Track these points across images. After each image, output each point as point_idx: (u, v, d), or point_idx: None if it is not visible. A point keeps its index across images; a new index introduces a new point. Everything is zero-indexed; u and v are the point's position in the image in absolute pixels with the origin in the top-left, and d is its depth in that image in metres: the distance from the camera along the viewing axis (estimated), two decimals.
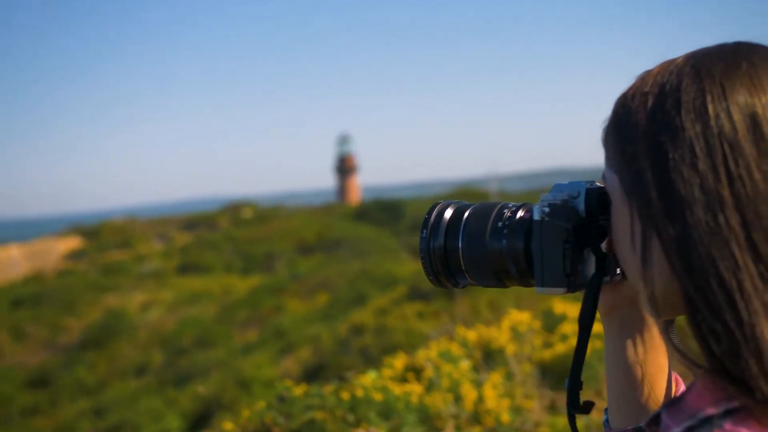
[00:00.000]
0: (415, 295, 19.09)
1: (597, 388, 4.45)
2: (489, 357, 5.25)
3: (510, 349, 5.14)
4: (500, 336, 5.28)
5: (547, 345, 5.48)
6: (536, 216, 1.08)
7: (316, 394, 4.00)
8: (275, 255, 32.44)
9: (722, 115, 0.89)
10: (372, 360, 14.11)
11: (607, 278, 1.09)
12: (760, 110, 0.88)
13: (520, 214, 1.13)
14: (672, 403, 0.91)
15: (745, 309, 0.84)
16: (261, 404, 4.08)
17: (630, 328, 1.18)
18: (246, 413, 3.94)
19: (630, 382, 1.19)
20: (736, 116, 0.88)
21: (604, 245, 1.07)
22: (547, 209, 1.07)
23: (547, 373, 5.21)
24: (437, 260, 1.19)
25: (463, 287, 1.23)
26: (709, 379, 0.88)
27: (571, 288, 1.07)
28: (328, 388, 4.10)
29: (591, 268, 1.07)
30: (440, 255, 1.18)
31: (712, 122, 0.89)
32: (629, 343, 1.18)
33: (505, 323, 5.48)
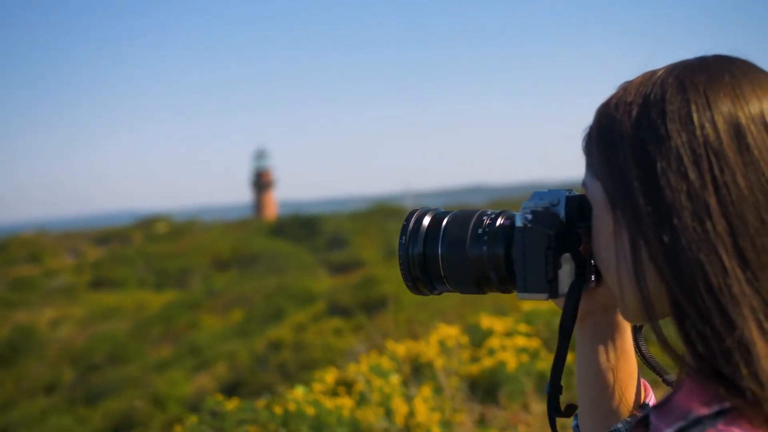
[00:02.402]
0: (334, 311, 19.07)
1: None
2: (417, 371, 5.29)
3: (438, 363, 5.18)
4: (429, 350, 5.32)
5: (475, 359, 5.53)
6: (519, 223, 1.09)
7: (248, 409, 3.96)
8: (190, 270, 32.00)
9: (707, 124, 0.91)
10: (290, 376, 14.01)
11: (586, 285, 1.11)
12: (743, 121, 0.91)
13: (499, 221, 1.15)
14: (660, 404, 0.93)
15: (733, 313, 0.87)
16: (192, 419, 4.02)
17: (602, 335, 1.20)
18: (179, 429, 3.87)
19: (601, 387, 1.21)
20: (721, 126, 0.91)
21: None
22: (530, 216, 1.08)
23: (475, 387, 5.26)
24: (416, 267, 1.19)
25: (439, 293, 1.23)
26: (697, 380, 0.89)
27: (552, 294, 1.08)
28: (261, 403, 4.07)
29: (571, 274, 1.09)
30: (419, 262, 1.19)
31: (698, 132, 0.91)
32: (601, 349, 1.20)
33: (434, 337, 5.52)
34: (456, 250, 1.16)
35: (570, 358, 1.16)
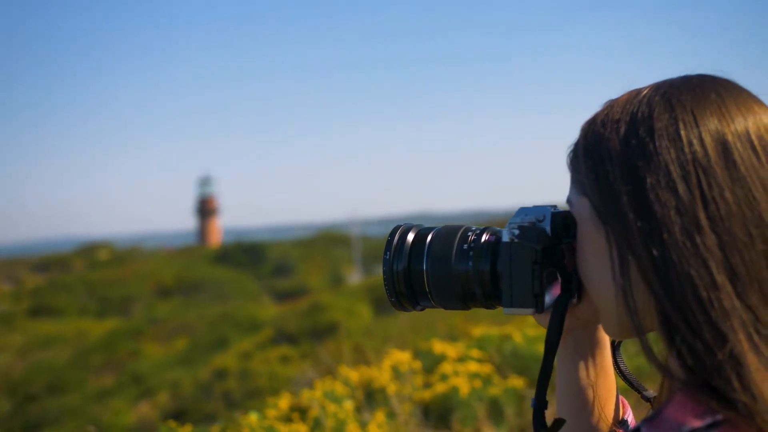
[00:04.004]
0: (280, 338, 18.92)
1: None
2: (370, 397, 5.26)
3: (391, 388, 5.17)
4: (382, 376, 5.31)
5: (428, 385, 5.53)
6: (505, 238, 1.10)
7: None
8: (133, 298, 31.58)
9: (695, 141, 0.93)
10: (235, 405, 13.84)
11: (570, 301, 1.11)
12: (730, 138, 0.93)
13: (485, 237, 1.15)
14: (652, 417, 0.93)
15: (724, 327, 0.88)
16: None
17: (583, 351, 1.21)
18: None
19: (582, 403, 1.21)
20: (709, 143, 0.93)
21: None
22: (516, 231, 1.09)
23: (428, 412, 5.25)
24: (400, 282, 1.19)
25: (422, 309, 1.23)
26: (688, 393, 0.90)
27: (539, 309, 1.09)
28: (215, 429, 4.02)
29: (555, 289, 1.10)
30: (404, 277, 1.19)
31: (686, 148, 0.93)
32: (582, 365, 1.21)
33: (386, 363, 5.51)
34: (441, 266, 1.16)
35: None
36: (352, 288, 26.01)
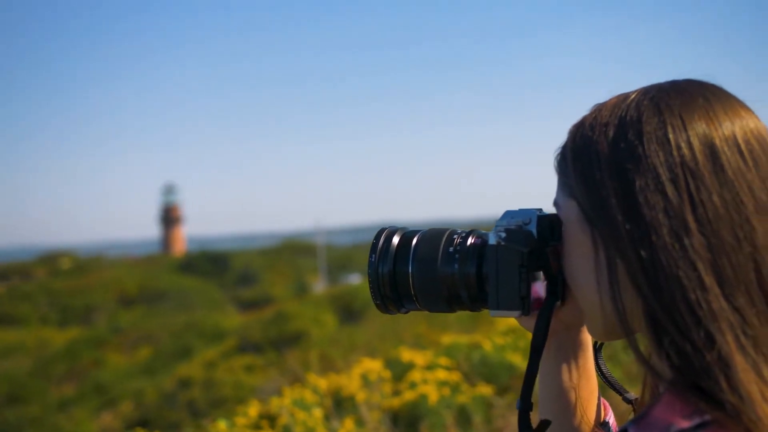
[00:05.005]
0: (245, 347, 18.84)
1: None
2: (339, 405, 5.25)
3: (360, 396, 5.16)
4: (351, 384, 5.30)
5: (396, 393, 5.53)
6: (492, 240, 1.10)
7: None
8: (95, 307, 31.26)
9: (683, 145, 0.94)
10: (200, 414, 13.74)
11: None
12: (718, 142, 0.94)
13: (471, 240, 1.15)
14: (639, 418, 0.93)
15: (712, 328, 0.89)
16: None
17: (566, 354, 1.21)
18: None
19: (564, 405, 1.22)
20: (697, 147, 0.94)
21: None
22: (503, 234, 1.09)
23: (397, 420, 5.25)
24: (386, 285, 1.19)
25: (406, 312, 1.23)
26: (676, 393, 0.91)
27: (525, 311, 1.09)
28: None
29: (536, 291, 1.10)
30: (389, 280, 1.18)
31: (675, 152, 0.94)
32: (565, 368, 1.22)
33: (356, 371, 5.50)
34: (427, 269, 1.16)
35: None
36: (317, 297, 25.98)
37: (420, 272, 1.16)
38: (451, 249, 1.15)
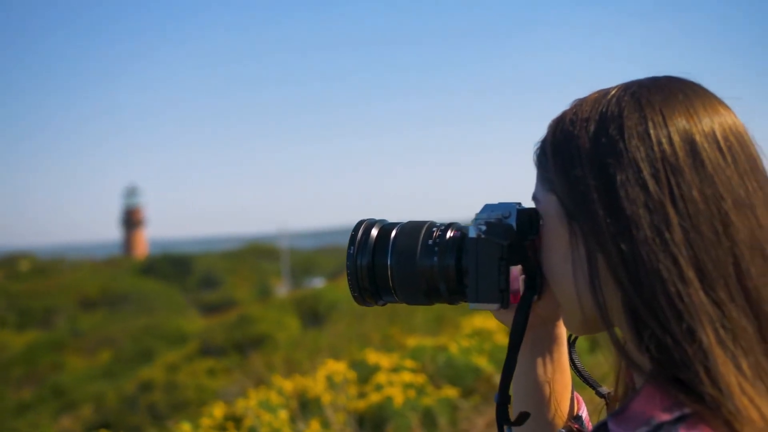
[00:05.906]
0: (207, 351, 18.70)
1: None
2: (305, 407, 5.24)
3: (326, 398, 5.15)
4: (316, 386, 5.29)
5: (362, 395, 5.52)
6: (472, 233, 1.10)
7: None
8: (55, 310, 30.88)
9: (664, 140, 0.95)
10: (161, 417, 13.62)
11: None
12: (698, 138, 0.96)
13: (450, 233, 1.15)
14: (619, 411, 0.94)
15: (692, 321, 0.90)
16: None
17: (541, 348, 1.22)
18: None
19: (539, 399, 1.23)
20: (677, 142, 0.95)
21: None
22: (483, 227, 1.09)
23: (363, 422, 5.25)
24: (364, 278, 1.19)
25: (384, 304, 1.23)
26: (655, 386, 0.92)
27: (504, 304, 1.09)
28: None
29: (519, 285, 1.10)
30: (368, 272, 1.18)
31: (655, 147, 0.95)
32: (540, 362, 1.22)
33: (321, 373, 5.49)
34: (406, 261, 1.16)
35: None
36: (281, 300, 25.88)
37: (399, 265, 1.17)
38: (430, 242, 1.16)
